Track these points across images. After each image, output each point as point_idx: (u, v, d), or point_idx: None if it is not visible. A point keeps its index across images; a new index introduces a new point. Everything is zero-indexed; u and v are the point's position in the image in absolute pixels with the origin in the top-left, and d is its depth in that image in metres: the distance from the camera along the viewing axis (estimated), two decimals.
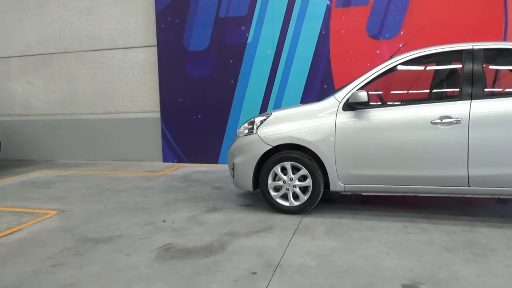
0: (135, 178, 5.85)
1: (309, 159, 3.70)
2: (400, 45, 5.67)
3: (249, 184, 3.94)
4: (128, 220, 3.81)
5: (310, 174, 3.70)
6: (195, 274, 2.62)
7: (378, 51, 5.93)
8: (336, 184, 3.67)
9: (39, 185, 5.56)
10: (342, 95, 3.67)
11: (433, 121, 3.36)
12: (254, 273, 2.61)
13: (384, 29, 5.91)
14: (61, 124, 7.93)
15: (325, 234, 3.30)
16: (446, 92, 4.13)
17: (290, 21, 6.31)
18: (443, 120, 3.34)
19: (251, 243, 3.13)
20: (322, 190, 3.74)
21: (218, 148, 6.86)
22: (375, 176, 3.56)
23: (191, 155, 7.06)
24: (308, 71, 6.30)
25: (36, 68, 8.00)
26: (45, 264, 2.83)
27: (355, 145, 3.57)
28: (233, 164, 4.08)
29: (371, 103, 3.57)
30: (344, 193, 3.84)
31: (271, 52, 6.44)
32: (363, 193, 3.74)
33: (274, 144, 3.81)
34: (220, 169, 6.41)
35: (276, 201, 3.85)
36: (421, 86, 4.61)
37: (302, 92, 6.35)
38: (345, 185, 3.67)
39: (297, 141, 3.73)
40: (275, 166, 3.80)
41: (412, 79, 4.72)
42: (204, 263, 2.78)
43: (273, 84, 6.49)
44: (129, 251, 3.04)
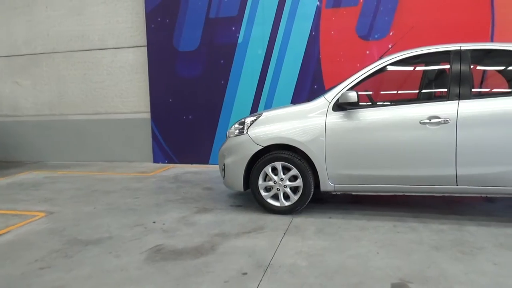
0: (125, 179, 5.81)
1: (299, 159, 3.71)
2: (390, 46, 5.73)
3: (239, 185, 3.94)
4: (118, 222, 3.78)
5: (300, 174, 3.71)
6: (185, 275, 2.61)
7: (367, 52, 5.98)
8: (327, 184, 3.69)
9: (27, 187, 5.49)
10: (332, 96, 3.69)
11: (422, 121, 3.39)
12: (245, 273, 2.61)
13: (373, 30, 5.95)
14: (50, 125, 7.84)
15: (316, 234, 3.31)
16: (435, 93, 4.18)
17: (280, 22, 6.32)
18: (432, 120, 3.37)
19: (242, 244, 3.13)
20: (312, 190, 3.75)
21: (209, 149, 6.85)
22: (365, 176, 3.58)
23: (182, 156, 7.03)
24: (298, 71, 6.31)
25: (24, 69, 7.89)
26: (33, 267, 2.80)
27: (345, 145, 3.59)
28: (224, 165, 4.07)
29: (360, 104, 3.60)
30: (335, 193, 3.86)
31: (261, 53, 6.45)
32: (353, 193, 3.76)
33: (265, 144, 3.82)
34: (211, 169, 6.40)
35: (266, 202, 3.86)
36: (410, 86, 4.65)
37: (292, 92, 6.36)
38: (335, 185, 3.68)
39: (287, 142, 3.74)
40: (265, 166, 3.80)
41: (401, 79, 4.76)
42: (195, 264, 2.78)
43: (263, 84, 6.50)
44: (119, 252, 3.02)
